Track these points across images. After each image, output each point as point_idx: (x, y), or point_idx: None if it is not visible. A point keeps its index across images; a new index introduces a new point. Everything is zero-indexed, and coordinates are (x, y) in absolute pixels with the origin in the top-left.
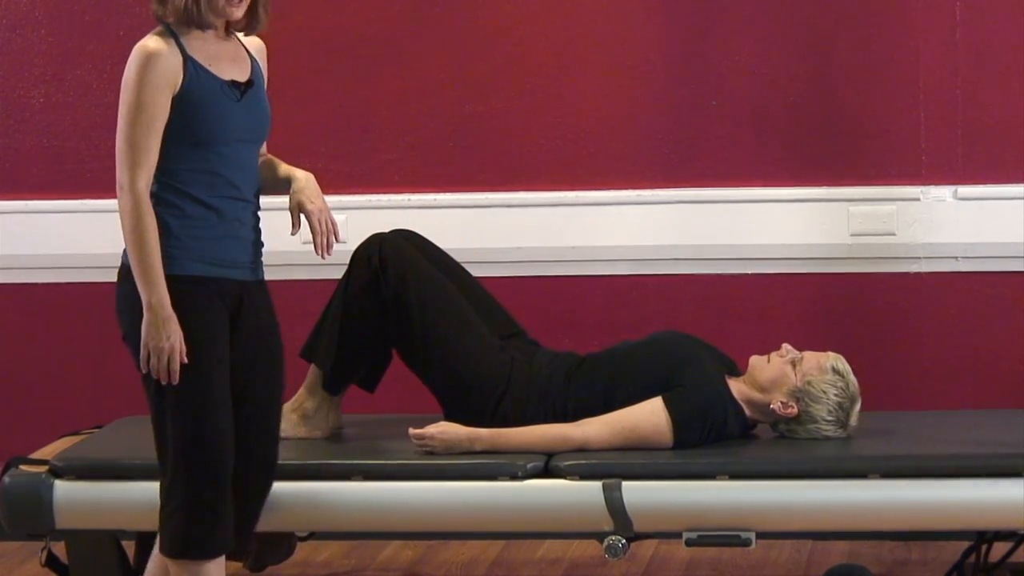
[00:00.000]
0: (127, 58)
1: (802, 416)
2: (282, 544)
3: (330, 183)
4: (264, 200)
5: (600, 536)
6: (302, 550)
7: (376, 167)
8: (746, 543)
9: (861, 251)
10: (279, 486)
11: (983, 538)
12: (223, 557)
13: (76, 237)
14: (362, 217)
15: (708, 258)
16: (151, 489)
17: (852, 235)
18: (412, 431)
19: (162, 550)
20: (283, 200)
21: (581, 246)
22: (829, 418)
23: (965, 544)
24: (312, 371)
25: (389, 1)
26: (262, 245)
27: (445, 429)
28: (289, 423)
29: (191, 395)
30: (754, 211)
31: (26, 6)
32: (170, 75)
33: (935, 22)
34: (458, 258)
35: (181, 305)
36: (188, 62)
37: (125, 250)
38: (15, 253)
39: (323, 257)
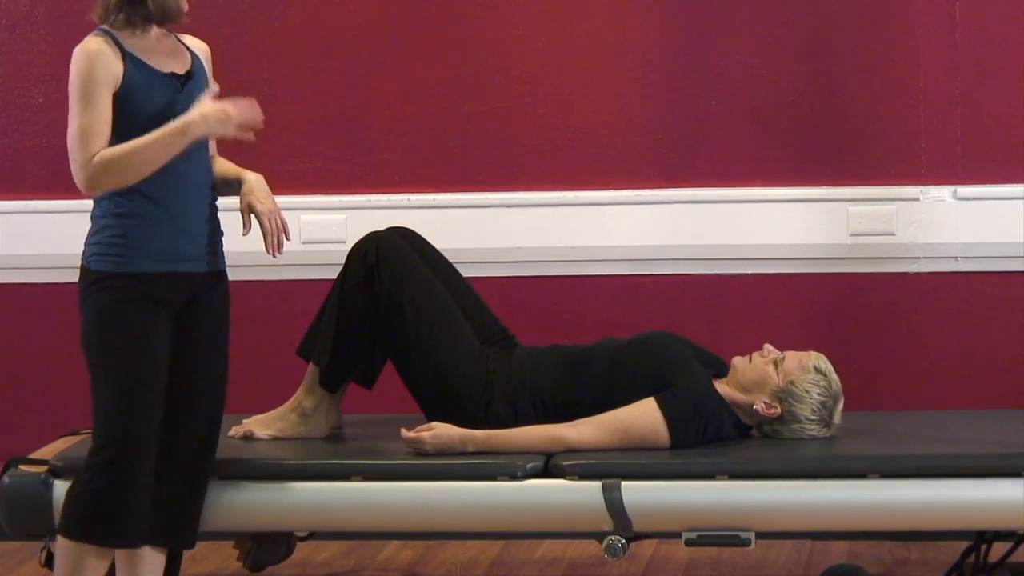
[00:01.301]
0: None
1: (785, 416)
2: (281, 544)
3: (330, 183)
4: None
5: (600, 536)
6: (301, 550)
7: (376, 167)
8: (745, 543)
9: (860, 251)
10: (279, 486)
11: (983, 538)
12: (111, 551)
13: (76, 237)
14: (362, 217)
15: (707, 258)
16: None
17: (851, 235)
18: (404, 433)
19: (59, 528)
20: (282, 201)
21: (581, 246)
22: (813, 417)
23: (965, 544)
24: (310, 369)
25: (389, 1)
26: (220, 235)
27: (437, 431)
28: (288, 422)
29: (121, 394)
30: (753, 211)
31: (26, 6)
32: (110, 71)
33: (935, 22)
34: (457, 258)
35: (124, 303)
36: (127, 57)
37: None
38: (15, 253)
39: (273, 256)
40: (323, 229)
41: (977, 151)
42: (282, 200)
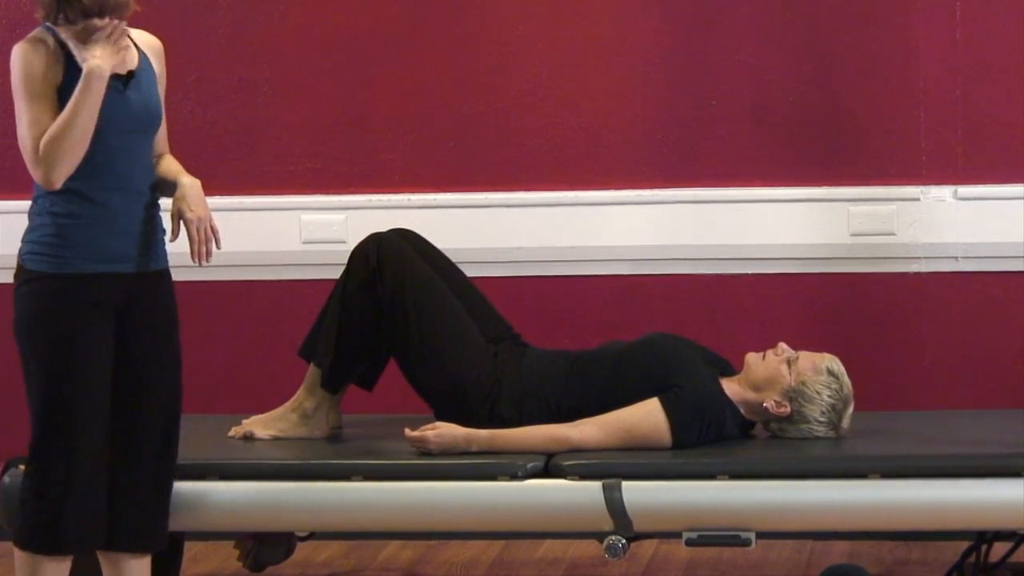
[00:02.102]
0: None
1: (794, 416)
2: (282, 544)
3: (330, 183)
4: (261, 200)
5: (600, 536)
6: (302, 550)
7: (376, 167)
8: (746, 543)
9: (861, 251)
10: (278, 486)
11: (983, 538)
12: (69, 558)
13: None
14: (362, 217)
15: (708, 258)
16: None
17: (852, 235)
18: (408, 432)
19: (12, 538)
20: (282, 201)
21: (581, 246)
22: (821, 419)
23: (965, 544)
24: (311, 370)
25: (389, 1)
26: (162, 233)
27: (441, 430)
28: (289, 423)
29: (50, 399)
30: (754, 211)
31: (26, 6)
32: (48, 67)
33: (935, 22)
34: (457, 258)
35: (61, 306)
36: (67, 56)
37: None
38: (15, 253)
39: (199, 264)
40: (323, 229)
41: (977, 151)
42: (282, 200)
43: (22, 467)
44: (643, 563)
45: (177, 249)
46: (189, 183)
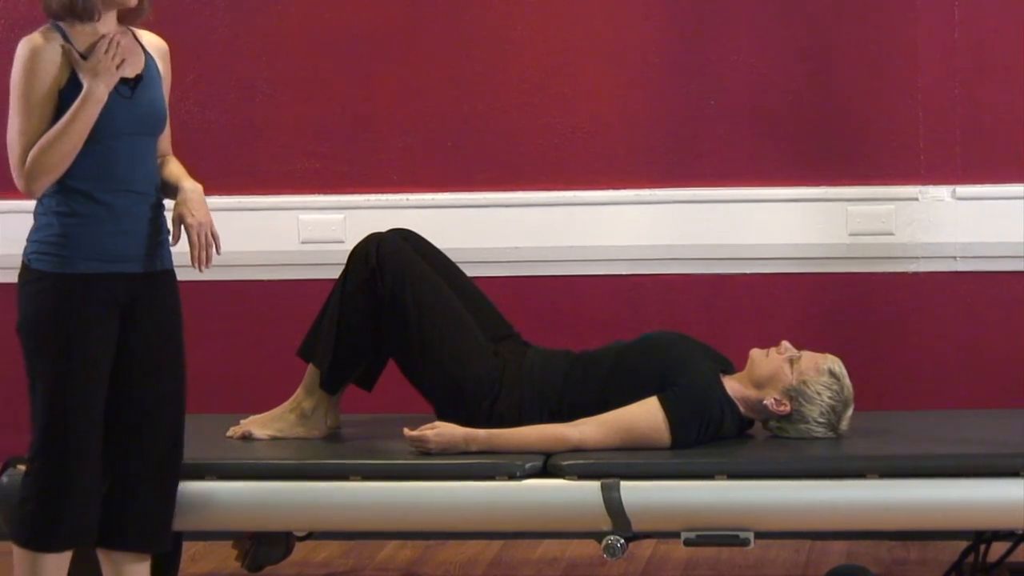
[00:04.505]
0: None
1: (794, 415)
2: (280, 544)
3: (329, 183)
4: (259, 200)
5: (598, 536)
6: (300, 550)
7: (375, 167)
8: (744, 543)
9: (859, 251)
10: (277, 486)
11: (981, 538)
12: (68, 553)
13: None
14: (361, 217)
15: (707, 258)
16: None
17: (850, 235)
18: (407, 432)
19: (10, 535)
20: (280, 200)
21: (580, 246)
22: (820, 420)
23: (964, 544)
24: (310, 370)
25: (389, 1)
26: (166, 234)
27: (441, 430)
28: (287, 423)
29: (52, 399)
30: (753, 211)
31: (26, 6)
32: (53, 69)
33: (935, 22)
34: (456, 258)
35: (64, 305)
36: (72, 56)
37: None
38: (15, 253)
39: (199, 270)
40: (322, 229)
41: (976, 151)
42: (281, 200)
43: (21, 467)
44: (641, 563)
45: (176, 249)
46: (191, 188)
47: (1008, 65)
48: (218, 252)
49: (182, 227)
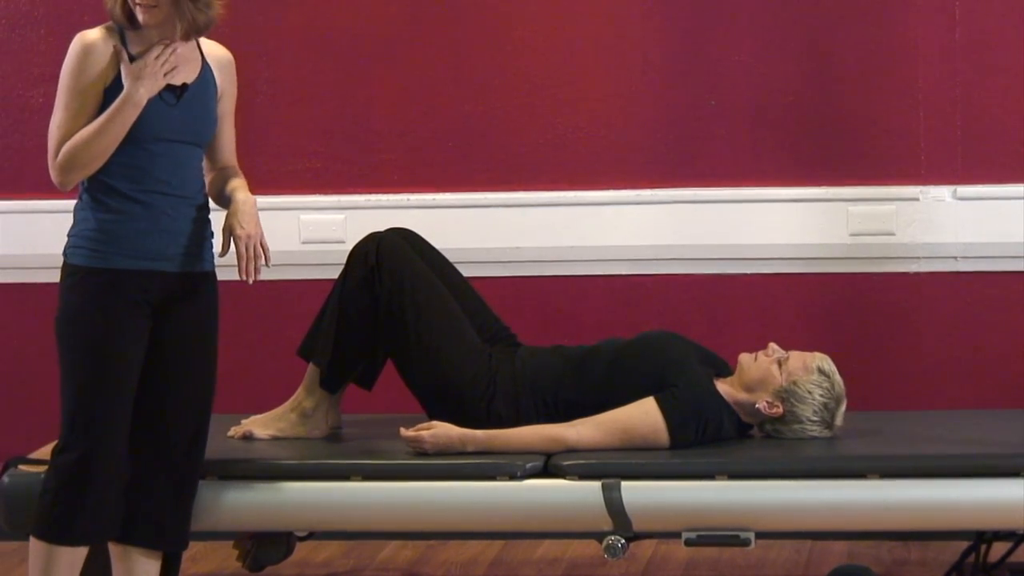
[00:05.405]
0: None
1: (787, 416)
2: (281, 544)
3: (330, 183)
4: (260, 200)
5: (599, 536)
6: (301, 550)
7: (376, 167)
8: (745, 543)
9: (860, 251)
10: (278, 486)
11: (982, 538)
12: (83, 550)
13: None
14: (362, 217)
15: (707, 258)
16: None
17: (851, 235)
18: (403, 432)
19: (30, 528)
20: (281, 201)
21: (580, 246)
22: (814, 418)
23: (964, 544)
24: (310, 370)
25: (389, 1)
26: (209, 236)
27: (437, 430)
28: (288, 422)
29: (84, 393)
30: (753, 211)
31: (26, 6)
32: (100, 67)
33: (935, 22)
34: (456, 258)
35: (94, 301)
36: (121, 56)
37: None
38: (15, 253)
39: (248, 282)
40: (322, 229)
41: (977, 151)
42: (282, 200)
43: (22, 467)
44: (642, 563)
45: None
46: (243, 199)
47: (1008, 65)
48: (267, 264)
49: (231, 239)
